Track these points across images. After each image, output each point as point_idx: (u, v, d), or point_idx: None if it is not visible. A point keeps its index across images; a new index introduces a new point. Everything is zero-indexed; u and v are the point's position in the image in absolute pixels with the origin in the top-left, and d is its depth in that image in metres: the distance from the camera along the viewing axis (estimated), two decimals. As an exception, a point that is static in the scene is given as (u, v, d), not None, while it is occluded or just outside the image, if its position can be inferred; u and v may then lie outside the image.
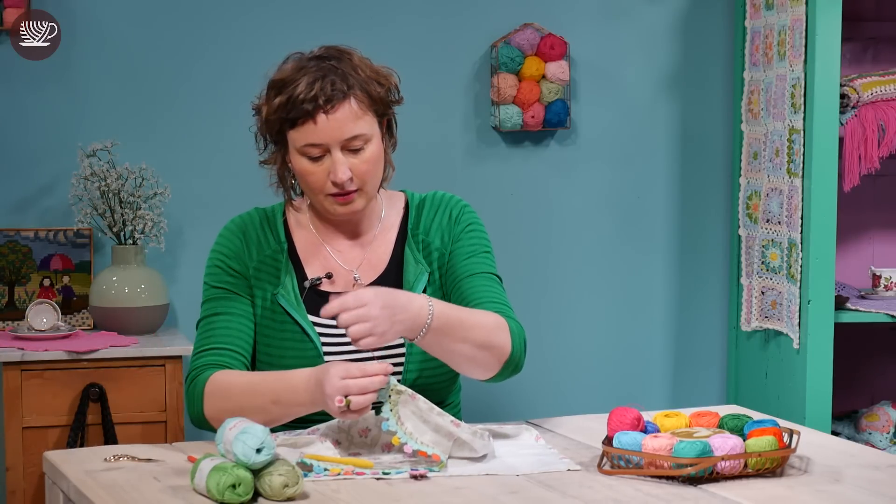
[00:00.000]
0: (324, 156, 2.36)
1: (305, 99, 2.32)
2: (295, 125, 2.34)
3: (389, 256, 2.49)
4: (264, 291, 2.43)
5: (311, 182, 2.38)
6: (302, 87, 2.32)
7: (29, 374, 3.36)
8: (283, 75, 2.37)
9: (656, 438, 2.10)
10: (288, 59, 2.42)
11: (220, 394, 2.31)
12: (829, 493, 2.03)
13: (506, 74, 3.96)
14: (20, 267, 3.67)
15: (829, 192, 3.67)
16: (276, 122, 2.37)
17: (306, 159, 2.36)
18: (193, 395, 2.35)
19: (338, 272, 2.47)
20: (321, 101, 2.32)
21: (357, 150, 2.36)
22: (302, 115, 2.33)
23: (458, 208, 2.53)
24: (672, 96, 4.15)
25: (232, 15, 3.84)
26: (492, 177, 4.04)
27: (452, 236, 2.50)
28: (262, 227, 2.47)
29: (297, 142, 2.36)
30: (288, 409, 2.27)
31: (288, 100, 2.34)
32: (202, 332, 2.43)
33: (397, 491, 2.03)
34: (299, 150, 2.36)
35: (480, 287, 2.44)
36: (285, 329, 2.41)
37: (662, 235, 4.19)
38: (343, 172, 2.34)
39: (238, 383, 2.32)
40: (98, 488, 2.05)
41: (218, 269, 2.45)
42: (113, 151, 3.61)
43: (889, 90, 3.76)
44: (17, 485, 3.36)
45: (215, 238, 2.50)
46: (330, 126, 2.33)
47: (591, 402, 4.04)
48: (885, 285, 3.99)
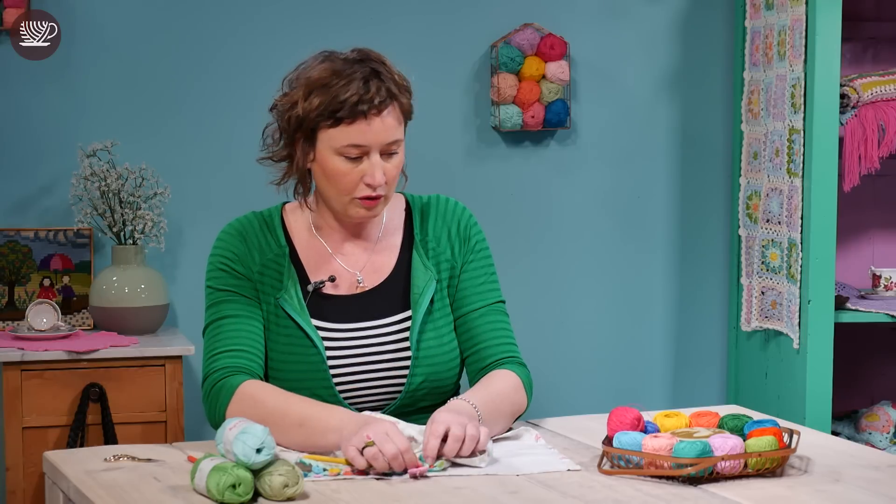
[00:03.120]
0: (360, 157, 2.35)
1: (360, 100, 2.31)
2: (339, 124, 2.32)
3: (395, 261, 2.48)
4: (267, 296, 2.42)
5: (342, 183, 2.36)
6: (354, 88, 2.31)
7: (29, 374, 3.36)
8: (324, 75, 2.34)
9: (656, 438, 2.10)
10: (315, 59, 2.38)
11: (248, 401, 2.29)
12: (829, 493, 2.03)
13: (506, 74, 3.96)
14: (20, 267, 3.67)
15: (829, 192, 3.67)
16: (314, 121, 2.34)
17: (343, 159, 2.34)
18: (217, 399, 2.31)
19: (341, 275, 2.45)
20: (376, 101, 2.32)
21: (391, 155, 2.37)
22: (354, 116, 2.31)
23: (465, 221, 2.52)
24: (672, 96, 4.16)
25: (232, 15, 3.84)
26: (492, 177, 4.04)
27: (463, 254, 2.50)
28: (262, 230, 2.45)
29: (337, 141, 2.33)
30: (310, 436, 2.23)
31: (335, 99, 2.31)
32: (213, 336, 2.39)
33: (397, 491, 2.03)
34: (338, 149, 2.34)
35: (491, 325, 2.48)
36: (289, 334, 2.40)
37: (662, 235, 4.19)
38: (381, 176, 2.34)
39: (270, 396, 2.30)
40: (98, 488, 2.05)
41: (221, 273, 2.42)
42: (113, 151, 3.61)
43: (889, 90, 3.76)
44: (17, 485, 3.36)
45: (214, 241, 2.47)
46: (379, 129, 2.33)
47: (591, 402, 4.04)
48: (885, 285, 3.99)
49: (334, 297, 2.43)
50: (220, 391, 2.31)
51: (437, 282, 2.46)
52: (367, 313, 2.40)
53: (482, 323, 2.48)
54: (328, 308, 2.42)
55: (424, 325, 2.43)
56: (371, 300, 2.44)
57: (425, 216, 2.51)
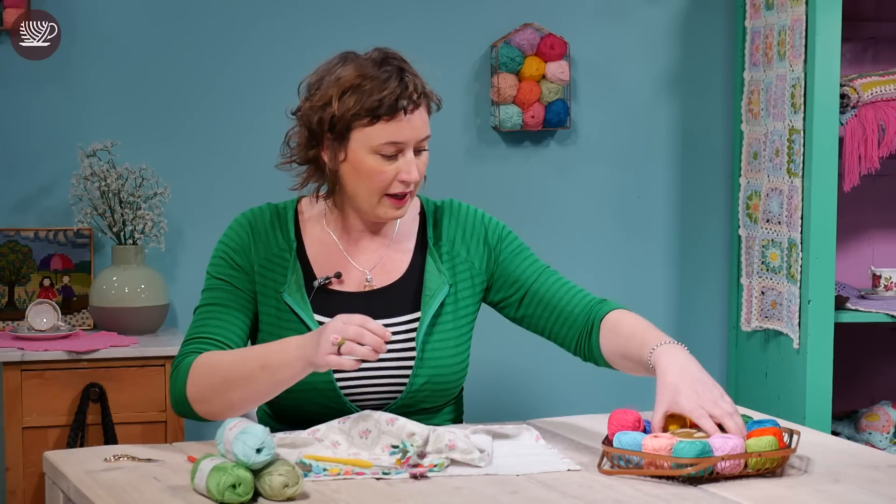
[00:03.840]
0: (395, 155, 2.36)
1: (401, 96, 2.33)
2: (377, 122, 2.34)
3: (408, 263, 2.49)
4: (269, 290, 2.43)
5: (377, 181, 2.37)
6: (391, 85, 2.33)
7: (29, 374, 3.36)
8: (356, 73, 2.35)
9: (656, 438, 2.10)
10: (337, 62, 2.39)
11: (204, 370, 2.31)
12: (829, 493, 2.03)
13: (506, 74, 3.96)
14: (20, 267, 3.67)
15: (829, 192, 3.67)
16: (350, 121, 2.35)
17: (378, 157, 2.36)
18: (177, 378, 2.34)
19: (350, 273, 2.46)
20: (415, 97, 2.35)
21: (421, 152, 2.39)
22: (393, 112, 2.33)
23: (479, 220, 2.54)
24: (672, 96, 4.15)
25: (232, 16, 3.84)
26: (492, 177, 4.04)
27: (491, 249, 2.52)
28: (273, 223, 2.47)
29: (374, 139, 2.34)
30: (275, 372, 2.25)
31: (370, 97, 2.33)
32: (197, 321, 2.43)
33: (397, 491, 2.03)
34: (375, 147, 2.35)
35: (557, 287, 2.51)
36: (290, 328, 2.41)
37: (662, 235, 4.19)
38: (416, 172, 2.37)
39: (225, 356, 2.32)
40: (98, 488, 2.05)
41: (221, 261, 2.45)
42: (113, 151, 3.61)
43: (889, 90, 3.76)
44: (17, 485, 3.36)
45: (220, 236, 2.49)
46: (417, 124, 2.36)
47: (591, 402, 4.03)
48: (885, 285, 3.99)
49: (341, 293, 2.44)
50: (179, 371, 2.34)
51: (451, 286, 2.46)
52: (374, 312, 2.41)
53: (547, 289, 2.50)
54: (334, 304, 2.43)
55: (432, 328, 2.44)
56: (379, 299, 2.45)
57: (438, 220, 2.52)
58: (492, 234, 2.53)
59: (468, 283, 2.49)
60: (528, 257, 2.54)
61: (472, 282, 2.50)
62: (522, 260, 2.53)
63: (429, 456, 2.16)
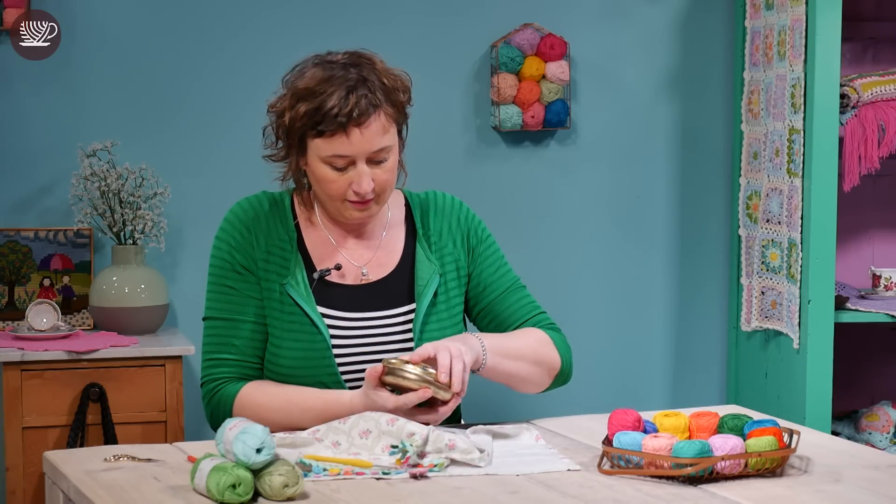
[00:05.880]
0: (347, 167, 2.36)
1: (340, 113, 2.31)
2: (323, 136, 2.33)
3: (400, 254, 2.50)
4: (272, 282, 2.43)
5: (330, 189, 2.38)
6: (335, 99, 2.31)
7: (29, 374, 3.36)
8: (310, 84, 2.34)
9: (656, 438, 2.10)
10: (308, 63, 2.40)
11: (252, 407, 2.37)
12: (829, 493, 2.03)
13: (506, 74, 3.96)
14: (20, 267, 3.67)
15: (829, 192, 3.67)
16: (300, 129, 2.36)
17: (329, 168, 2.36)
18: (218, 408, 2.39)
19: (346, 267, 2.48)
20: (355, 114, 2.32)
21: (380, 162, 2.37)
22: (334, 129, 2.32)
23: (463, 215, 2.56)
24: (672, 96, 4.15)
25: (232, 15, 3.84)
26: (492, 177, 4.04)
27: (468, 248, 2.54)
28: (272, 212, 2.47)
29: (322, 151, 2.35)
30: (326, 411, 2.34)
31: (317, 110, 2.32)
32: (213, 336, 2.43)
33: (397, 491, 2.03)
34: (324, 159, 2.35)
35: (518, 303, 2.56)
36: (294, 320, 2.41)
37: (662, 235, 4.19)
38: (367, 185, 2.36)
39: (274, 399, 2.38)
40: (98, 488, 2.05)
41: (225, 263, 2.45)
42: (113, 151, 3.61)
43: (889, 90, 3.76)
44: (17, 485, 3.36)
45: (224, 216, 2.49)
46: (361, 140, 2.33)
47: (590, 402, 4.03)
48: (885, 285, 3.99)
49: (340, 285, 2.46)
50: (219, 400, 2.39)
51: (441, 275, 2.48)
52: (372, 304, 2.43)
53: (509, 304, 2.54)
54: (334, 296, 2.44)
55: (428, 318, 2.46)
56: (376, 291, 2.47)
57: (425, 212, 2.54)
58: (473, 234, 2.56)
59: (454, 274, 2.52)
60: (500, 266, 2.57)
61: (458, 273, 2.53)
62: (496, 270, 2.56)
63: (429, 456, 2.16)
